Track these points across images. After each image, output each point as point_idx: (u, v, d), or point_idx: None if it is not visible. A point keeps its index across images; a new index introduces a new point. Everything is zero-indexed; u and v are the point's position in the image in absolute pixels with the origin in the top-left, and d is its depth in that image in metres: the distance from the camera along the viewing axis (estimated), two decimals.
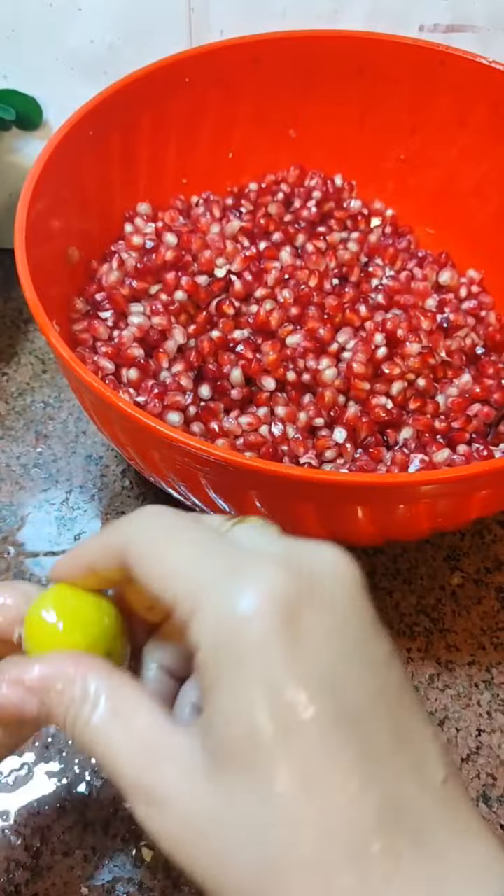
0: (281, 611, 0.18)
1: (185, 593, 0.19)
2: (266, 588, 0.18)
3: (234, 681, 0.18)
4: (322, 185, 0.54)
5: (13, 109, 0.51)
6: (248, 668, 0.18)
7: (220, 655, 0.18)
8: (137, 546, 0.21)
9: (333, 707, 0.17)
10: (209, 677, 0.18)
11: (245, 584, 0.18)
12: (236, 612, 0.18)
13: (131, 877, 0.35)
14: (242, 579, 0.19)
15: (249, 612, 0.18)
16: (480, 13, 0.49)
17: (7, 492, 0.48)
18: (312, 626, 0.18)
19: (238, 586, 0.18)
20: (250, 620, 0.18)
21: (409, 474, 0.35)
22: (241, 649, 0.18)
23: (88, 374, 0.33)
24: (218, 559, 0.20)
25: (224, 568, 0.19)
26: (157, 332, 0.45)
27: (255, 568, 0.19)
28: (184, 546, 0.20)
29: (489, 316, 0.50)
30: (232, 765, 0.18)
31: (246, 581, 0.18)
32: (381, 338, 0.44)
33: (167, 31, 0.49)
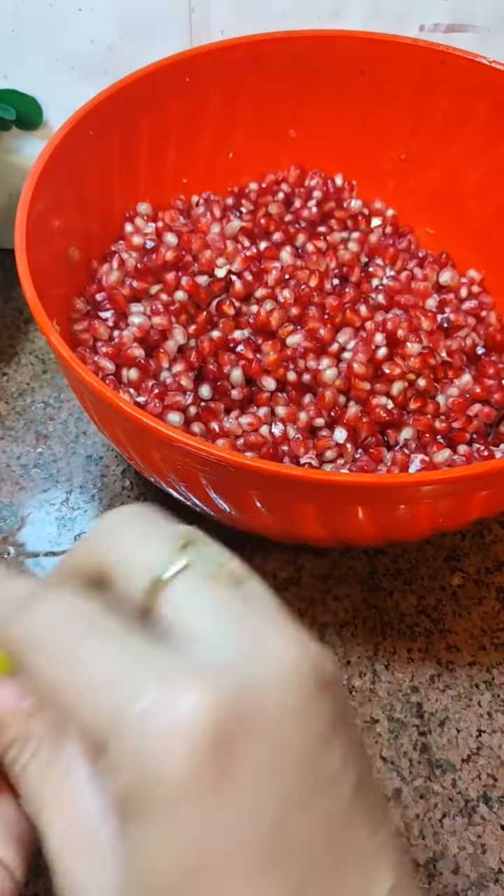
0: (207, 749, 0.15)
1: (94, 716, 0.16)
2: (190, 725, 0.15)
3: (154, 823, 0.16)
4: (322, 185, 0.54)
5: (13, 109, 0.51)
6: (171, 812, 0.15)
7: (138, 797, 0.16)
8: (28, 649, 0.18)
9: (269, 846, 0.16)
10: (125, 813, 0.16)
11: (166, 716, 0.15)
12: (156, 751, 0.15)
13: None
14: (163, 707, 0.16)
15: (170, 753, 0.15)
16: (481, 13, 0.49)
17: (7, 492, 0.48)
18: (245, 763, 0.16)
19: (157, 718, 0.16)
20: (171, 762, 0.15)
21: (410, 475, 0.35)
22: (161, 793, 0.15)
23: (89, 375, 0.33)
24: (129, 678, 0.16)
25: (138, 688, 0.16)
26: (158, 332, 0.45)
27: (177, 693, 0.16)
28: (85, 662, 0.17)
29: (490, 316, 0.50)
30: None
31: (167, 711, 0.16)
32: (381, 338, 0.44)
33: (167, 31, 0.49)
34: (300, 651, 0.17)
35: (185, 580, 0.18)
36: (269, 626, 0.17)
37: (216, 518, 0.39)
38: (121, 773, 0.16)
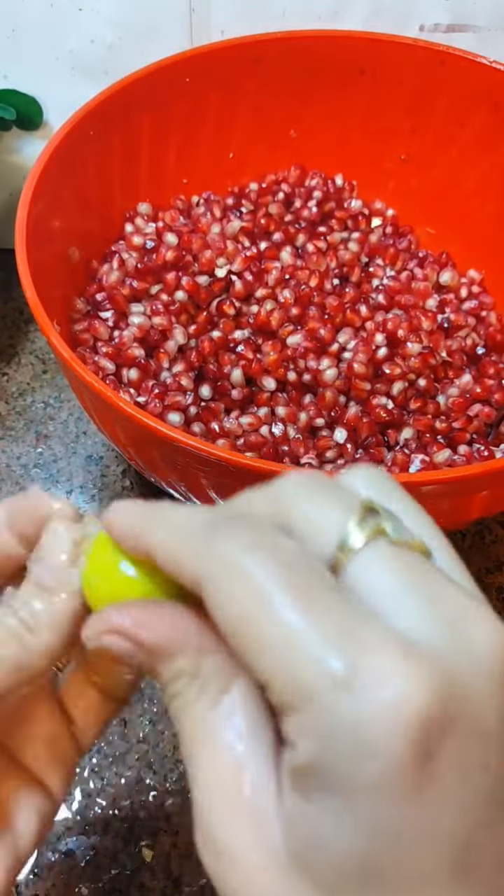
0: (414, 745, 0.14)
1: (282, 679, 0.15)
2: (400, 713, 0.14)
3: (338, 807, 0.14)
4: (323, 185, 0.54)
5: (14, 109, 0.51)
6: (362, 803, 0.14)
7: (326, 773, 0.14)
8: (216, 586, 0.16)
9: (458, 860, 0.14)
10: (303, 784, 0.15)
11: (373, 701, 0.14)
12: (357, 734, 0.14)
13: (131, 877, 0.35)
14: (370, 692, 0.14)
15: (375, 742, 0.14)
16: (481, 13, 0.49)
17: (7, 492, 0.48)
18: (450, 765, 0.14)
19: (362, 700, 0.14)
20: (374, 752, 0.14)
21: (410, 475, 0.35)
22: (355, 779, 0.14)
23: (89, 375, 0.33)
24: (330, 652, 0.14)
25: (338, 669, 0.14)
26: (158, 332, 0.45)
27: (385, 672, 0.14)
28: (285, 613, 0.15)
29: (490, 316, 0.50)
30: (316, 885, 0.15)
31: (372, 692, 0.14)
32: (381, 338, 0.44)
33: (168, 32, 0.49)
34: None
35: (375, 549, 0.16)
36: (469, 608, 0.15)
37: None
38: (309, 743, 0.14)
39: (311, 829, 0.15)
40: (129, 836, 0.36)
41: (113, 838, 0.36)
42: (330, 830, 0.14)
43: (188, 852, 0.36)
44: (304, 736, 0.14)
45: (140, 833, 0.36)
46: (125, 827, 0.36)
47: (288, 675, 0.14)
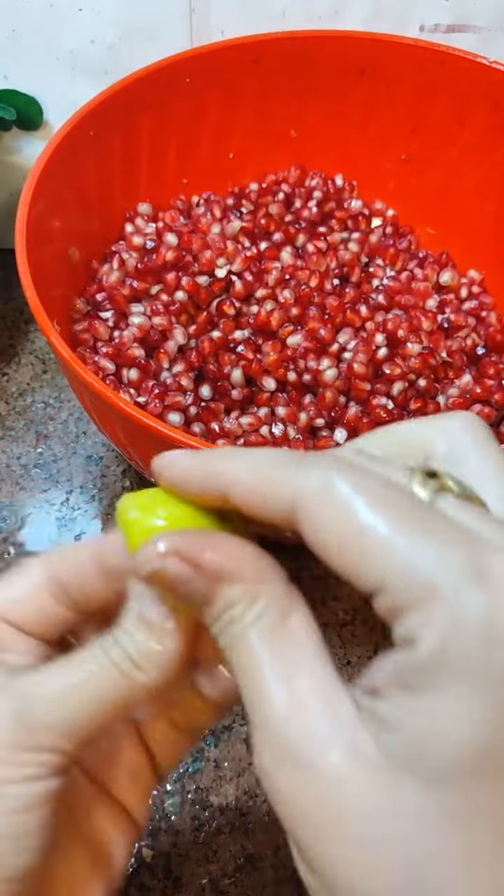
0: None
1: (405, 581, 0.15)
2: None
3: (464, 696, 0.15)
4: (323, 186, 0.54)
5: (14, 109, 0.51)
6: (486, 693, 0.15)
7: (453, 667, 0.15)
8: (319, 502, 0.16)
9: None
10: (425, 679, 0.15)
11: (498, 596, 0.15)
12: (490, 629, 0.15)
13: (131, 877, 0.35)
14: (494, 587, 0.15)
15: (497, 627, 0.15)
16: (481, 13, 0.49)
17: (7, 492, 0.48)
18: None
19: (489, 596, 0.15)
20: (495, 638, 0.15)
21: None
22: (483, 669, 0.15)
23: (89, 375, 0.33)
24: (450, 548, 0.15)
25: (462, 563, 0.15)
26: (158, 332, 0.45)
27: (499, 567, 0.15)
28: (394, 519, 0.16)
29: (490, 316, 0.50)
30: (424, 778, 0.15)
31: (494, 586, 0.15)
32: (381, 338, 0.44)
33: (168, 32, 0.49)
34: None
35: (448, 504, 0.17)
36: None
37: None
38: (435, 635, 0.15)
39: (424, 724, 0.15)
40: None
41: None
42: (450, 722, 0.15)
43: (188, 852, 0.36)
44: (430, 629, 0.15)
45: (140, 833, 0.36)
46: None
47: (409, 574, 0.15)
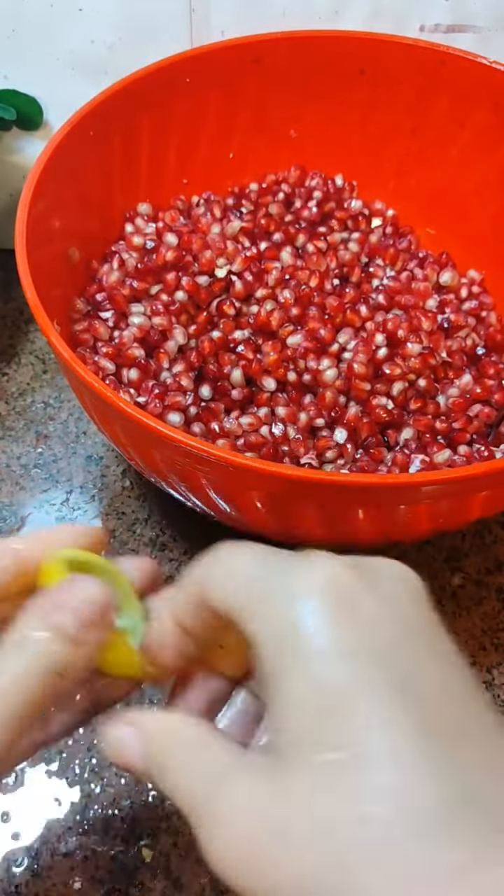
0: (337, 590, 0.18)
1: (246, 595, 0.19)
2: (323, 573, 0.18)
3: (294, 666, 0.18)
4: (323, 186, 0.54)
5: (14, 109, 0.51)
6: (308, 650, 0.18)
7: (283, 643, 0.18)
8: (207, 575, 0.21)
9: (398, 682, 0.17)
10: (269, 670, 0.18)
11: (302, 573, 0.19)
12: (295, 597, 0.18)
13: (131, 877, 0.35)
14: (299, 570, 0.19)
15: (308, 595, 0.18)
16: (481, 13, 0.49)
17: (7, 492, 0.48)
18: (374, 610, 0.18)
19: (295, 576, 0.19)
20: (306, 604, 0.18)
21: (410, 475, 0.35)
22: (304, 630, 0.18)
23: (89, 375, 0.33)
24: (276, 561, 0.20)
25: (282, 565, 0.19)
26: (158, 332, 0.45)
27: (310, 561, 0.19)
28: (244, 557, 0.21)
29: (490, 316, 0.50)
30: (297, 754, 0.17)
31: (303, 571, 0.19)
32: (381, 338, 0.44)
33: (168, 32, 0.49)
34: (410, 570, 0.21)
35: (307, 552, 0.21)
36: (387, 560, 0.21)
37: (216, 518, 0.39)
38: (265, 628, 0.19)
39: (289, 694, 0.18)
40: (129, 836, 0.36)
41: (113, 838, 0.36)
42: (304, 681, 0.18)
43: (188, 852, 0.36)
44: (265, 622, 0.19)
45: (140, 833, 0.36)
46: (125, 827, 0.36)
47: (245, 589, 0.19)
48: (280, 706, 0.18)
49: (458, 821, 0.16)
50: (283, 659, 0.18)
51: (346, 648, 0.18)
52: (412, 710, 0.17)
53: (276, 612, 0.18)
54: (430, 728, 0.17)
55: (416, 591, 0.20)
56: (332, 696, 0.17)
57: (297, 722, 0.18)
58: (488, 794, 0.16)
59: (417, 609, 0.19)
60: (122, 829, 0.36)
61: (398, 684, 0.17)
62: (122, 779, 0.38)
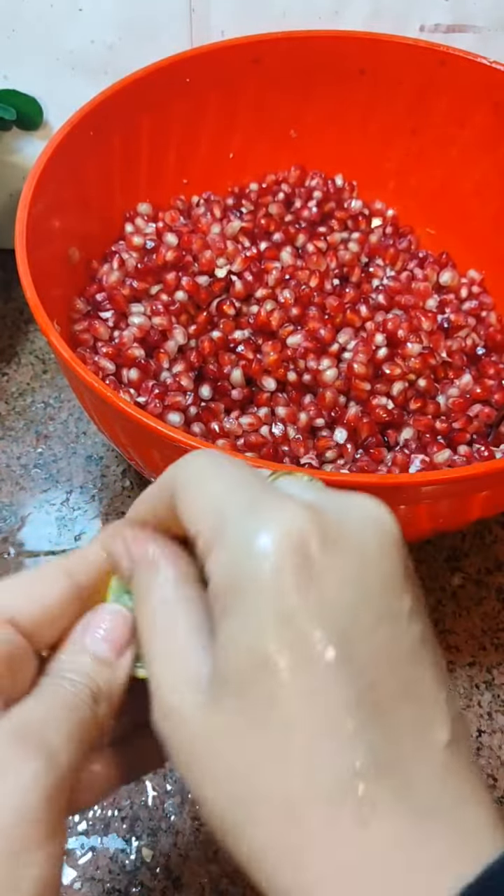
0: (296, 550, 0.18)
1: (207, 527, 0.19)
2: (283, 526, 0.18)
3: (241, 612, 0.18)
4: (323, 186, 0.54)
5: (14, 109, 0.51)
6: (257, 601, 0.18)
7: (231, 588, 0.18)
8: (180, 482, 0.21)
9: (339, 648, 0.17)
10: (219, 608, 0.19)
11: (263, 521, 0.18)
12: (250, 547, 0.18)
13: (131, 877, 0.35)
14: (261, 516, 0.18)
15: (263, 548, 0.18)
16: (481, 13, 0.49)
17: (7, 492, 0.48)
18: (328, 570, 0.18)
19: (256, 522, 0.18)
20: (263, 556, 0.18)
21: (410, 475, 0.35)
22: (251, 583, 0.18)
23: (89, 375, 0.33)
24: (244, 495, 0.19)
25: (247, 504, 0.19)
26: (158, 332, 0.45)
27: (276, 507, 0.19)
28: (216, 482, 0.20)
29: (490, 316, 0.50)
30: (232, 691, 0.18)
31: (264, 518, 0.18)
32: (381, 338, 0.44)
33: (168, 32, 0.49)
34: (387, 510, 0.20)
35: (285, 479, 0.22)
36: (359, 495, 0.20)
37: None
38: (222, 567, 0.18)
39: (226, 640, 0.18)
40: (129, 836, 0.36)
41: (113, 838, 0.36)
42: (239, 633, 0.18)
43: (188, 852, 0.36)
44: (218, 563, 0.19)
45: (140, 833, 0.36)
46: (125, 827, 0.36)
47: (212, 519, 0.19)
48: (221, 646, 0.18)
49: (364, 781, 0.17)
50: (231, 605, 0.18)
51: (289, 614, 0.17)
52: (345, 681, 0.17)
53: (232, 557, 0.18)
54: (361, 700, 0.17)
55: (386, 538, 0.19)
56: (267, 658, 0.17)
57: (232, 669, 0.18)
58: (408, 763, 0.17)
59: (381, 562, 0.19)
60: (122, 829, 0.36)
61: (338, 654, 0.17)
62: None
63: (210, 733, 0.18)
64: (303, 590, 0.17)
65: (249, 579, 0.18)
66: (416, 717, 0.18)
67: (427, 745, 0.18)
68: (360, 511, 0.20)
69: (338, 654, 0.17)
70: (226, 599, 0.18)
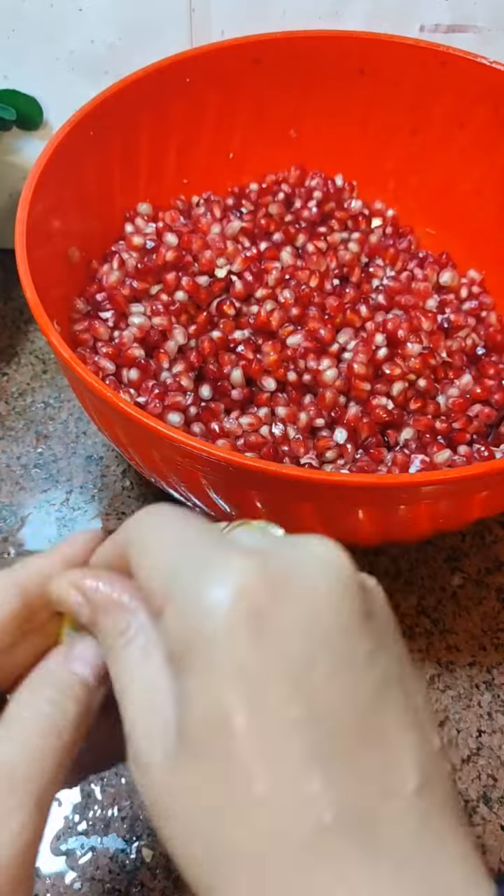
0: (247, 604, 0.18)
1: (158, 586, 0.19)
2: (231, 582, 0.18)
3: (196, 670, 0.18)
4: (323, 186, 0.54)
5: (14, 109, 0.51)
6: (210, 659, 0.18)
7: (185, 646, 0.18)
8: (132, 541, 0.21)
9: (296, 699, 0.17)
10: (175, 666, 0.19)
11: (211, 579, 0.18)
12: (200, 605, 0.18)
13: (131, 877, 0.35)
14: (209, 574, 0.18)
15: (213, 605, 0.18)
16: (481, 13, 0.49)
17: (7, 492, 0.48)
18: (280, 621, 0.18)
19: (204, 580, 0.18)
20: (213, 614, 0.18)
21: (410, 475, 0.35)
22: (203, 641, 0.18)
23: (89, 375, 0.33)
24: (192, 554, 0.19)
25: (195, 562, 0.19)
26: (158, 332, 0.45)
27: (223, 564, 0.19)
28: (168, 539, 0.20)
29: (490, 316, 0.50)
30: (193, 749, 0.18)
31: (213, 576, 0.18)
32: (381, 338, 0.44)
33: (168, 32, 0.49)
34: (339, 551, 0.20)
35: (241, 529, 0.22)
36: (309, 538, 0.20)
37: (216, 518, 0.39)
38: (175, 626, 0.19)
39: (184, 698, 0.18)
40: (129, 836, 0.36)
41: (113, 838, 0.36)
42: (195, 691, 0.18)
43: None
44: (171, 622, 0.19)
45: (140, 833, 0.36)
46: (125, 827, 0.36)
47: (163, 577, 0.19)
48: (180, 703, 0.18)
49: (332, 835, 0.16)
50: (186, 663, 0.18)
51: (243, 669, 0.17)
52: (304, 732, 0.17)
53: (183, 616, 0.18)
54: (321, 751, 0.17)
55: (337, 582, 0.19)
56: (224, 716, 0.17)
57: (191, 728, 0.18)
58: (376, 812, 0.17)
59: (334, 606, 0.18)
60: (122, 829, 0.36)
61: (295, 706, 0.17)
62: (123, 779, 0.38)
63: (173, 789, 0.18)
64: (255, 644, 0.17)
65: (201, 638, 0.18)
66: (381, 764, 0.17)
67: (394, 792, 0.17)
68: (310, 557, 0.19)
69: (295, 706, 0.17)
70: (182, 658, 0.18)
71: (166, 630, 0.19)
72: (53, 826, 0.36)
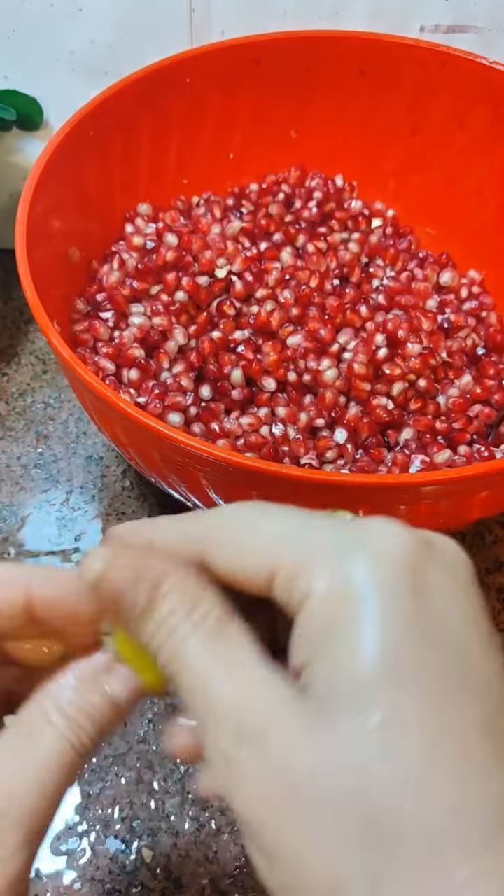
0: (413, 570, 0.17)
1: (290, 556, 0.18)
2: (394, 543, 0.18)
3: (353, 623, 0.17)
4: (323, 186, 0.54)
5: (14, 110, 0.51)
6: (371, 612, 0.17)
7: (337, 600, 0.17)
8: (220, 532, 0.19)
9: (459, 669, 0.16)
10: (321, 625, 0.17)
11: (368, 539, 0.18)
12: (358, 559, 0.17)
13: (131, 877, 0.35)
14: (364, 536, 0.18)
15: (374, 559, 0.17)
16: (481, 14, 0.49)
17: (7, 492, 0.48)
18: (437, 585, 0.17)
19: (360, 541, 0.18)
20: (375, 567, 0.17)
21: (410, 475, 0.35)
22: (363, 593, 0.17)
23: (89, 375, 0.33)
24: (326, 524, 0.19)
25: (337, 530, 0.18)
26: (158, 332, 0.45)
27: (376, 528, 0.18)
28: (281, 519, 0.19)
29: (490, 317, 0.50)
30: (343, 710, 0.16)
31: (369, 533, 0.18)
32: (381, 338, 0.44)
33: (168, 32, 0.49)
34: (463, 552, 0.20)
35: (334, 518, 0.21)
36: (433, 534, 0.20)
37: None
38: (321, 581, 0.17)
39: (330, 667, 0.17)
40: (129, 836, 0.36)
41: (113, 838, 0.36)
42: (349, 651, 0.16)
43: (188, 852, 0.36)
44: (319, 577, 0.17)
45: (140, 833, 0.36)
46: (125, 827, 0.36)
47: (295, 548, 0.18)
48: (327, 660, 0.17)
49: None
50: (339, 616, 0.17)
51: (415, 630, 0.16)
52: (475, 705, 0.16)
53: (337, 571, 0.17)
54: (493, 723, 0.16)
55: (472, 577, 0.19)
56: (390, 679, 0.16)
57: (342, 680, 0.16)
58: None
59: (473, 589, 0.18)
60: (122, 830, 0.36)
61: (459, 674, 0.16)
62: (122, 779, 0.38)
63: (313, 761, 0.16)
64: (415, 603, 0.17)
65: (357, 592, 0.17)
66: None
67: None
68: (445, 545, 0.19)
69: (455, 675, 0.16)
70: (330, 616, 0.17)
71: (301, 593, 0.17)
72: (53, 826, 0.36)
